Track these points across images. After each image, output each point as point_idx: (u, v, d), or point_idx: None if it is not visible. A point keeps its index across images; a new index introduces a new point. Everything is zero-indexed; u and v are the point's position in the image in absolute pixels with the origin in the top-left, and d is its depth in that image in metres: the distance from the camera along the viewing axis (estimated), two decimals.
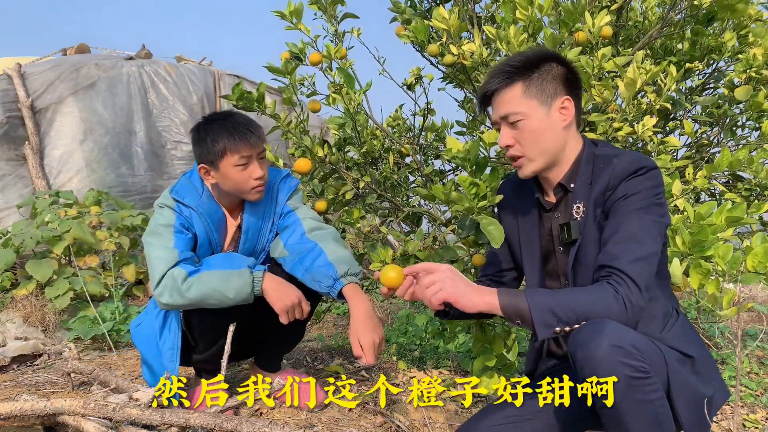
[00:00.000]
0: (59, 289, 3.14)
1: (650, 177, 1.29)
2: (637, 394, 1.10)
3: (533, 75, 1.37)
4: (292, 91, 2.28)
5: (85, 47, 5.97)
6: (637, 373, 1.09)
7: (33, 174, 4.81)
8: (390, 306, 3.85)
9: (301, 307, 1.79)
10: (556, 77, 1.38)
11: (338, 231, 2.59)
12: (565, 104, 1.38)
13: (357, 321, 1.68)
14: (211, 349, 1.92)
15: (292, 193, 2.02)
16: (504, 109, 1.39)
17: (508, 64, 1.39)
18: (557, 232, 1.44)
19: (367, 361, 1.63)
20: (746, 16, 2.23)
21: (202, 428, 1.55)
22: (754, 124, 2.37)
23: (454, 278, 1.27)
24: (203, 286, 1.75)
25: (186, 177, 1.99)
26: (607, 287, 1.20)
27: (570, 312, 1.18)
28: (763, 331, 3.17)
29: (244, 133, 1.82)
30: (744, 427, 2.01)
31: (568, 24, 1.90)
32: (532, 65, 1.38)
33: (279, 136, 2.45)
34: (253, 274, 1.77)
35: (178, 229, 1.85)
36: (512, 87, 1.38)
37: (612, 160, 1.33)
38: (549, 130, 1.37)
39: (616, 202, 1.29)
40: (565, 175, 1.41)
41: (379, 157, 2.60)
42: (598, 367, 1.10)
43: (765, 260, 1.40)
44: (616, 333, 1.11)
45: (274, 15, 2.27)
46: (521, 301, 1.21)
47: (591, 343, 1.11)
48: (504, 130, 1.41)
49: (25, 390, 2.16)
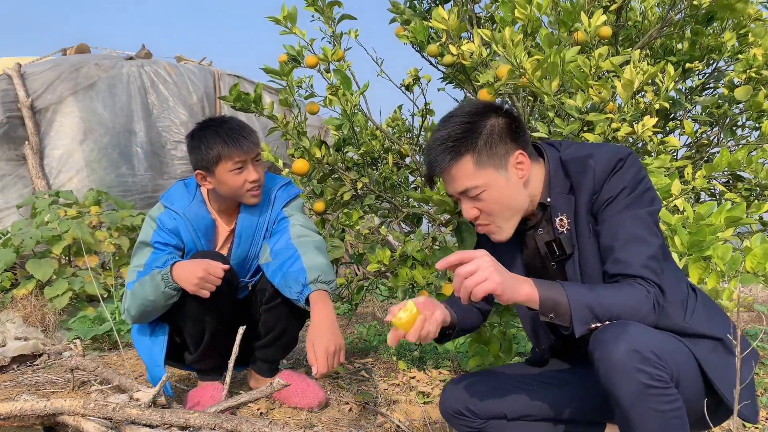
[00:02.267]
0: (58, 289, 3.14)
1: (629, 166, 1.24)
2: (650, 402, 1.07)
3: (479, 143, 1.26)
4: (289, 93, 2.29)
5: (85, 47, 5.97)
6: (653, 381, 1.07)
7: (33, 174, 4.81)
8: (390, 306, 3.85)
9: (212, 273, 1.74)
10: (501, 135, 1.28)
11: (338, 231, 2.60)
12: (519, 159, 1.29)
13: (315, 328, 1.66)
14: (199, 348, 1.93)
15: (290, 201, 2.02)
16: (460, 185, 1.28)
17: (449, 137, 1.28)
18: (545, 250, 1.36)
19: (319, 369, 1.59)
20: (746, 16, 2.22)
21: (202, 428, 1.55)
22: (754, 124, 2.37)
23: (496, 265, 1.12)
24: (134, 298, 1.83)
25: (181, 182, 2.02)
26: (639, 288, 1.17)
27: (606, 310, 1.14)
28: (763, 331, 3.17)
29: (237, 139, 1.84)
30: (744, 427, 2.01)
31: (567, 23, 1.90)
32: (474, 131, 1.27)
33: (279, 137, 2.46)
34: (161, 272, 1.77)
35: (155, 245, 1.89)
36: (461, 161, 1.26)
37: (588, 162, 1.26)
38: (513, 191, 1.29)
39: (605, 205, 1.24)
40: (542, 194, 1.34)
41: (379, 158, 2.60)
42: (612, 370, 1.08)
43: (764, 261, 1.40)
44: (637, 337, 1.09)
45: (269, 20, 2.28)
46: (560, 295, 1.14)
47: (610, 345, 1.09)
48: (465, 204, 1.31)
49: (25, 390, 2.16)
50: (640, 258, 1.19)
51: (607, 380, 1.10)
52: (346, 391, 2.15)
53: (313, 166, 2.38)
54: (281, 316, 1.93)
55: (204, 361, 1.97)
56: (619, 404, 1.10)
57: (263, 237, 1.99)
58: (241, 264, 1.99)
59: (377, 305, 3.75)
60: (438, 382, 2.22)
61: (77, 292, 3.24)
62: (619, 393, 1.08)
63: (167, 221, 1.90)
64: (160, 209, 1.94)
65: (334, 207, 2.48)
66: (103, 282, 3.38)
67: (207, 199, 1.99)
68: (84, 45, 5.96)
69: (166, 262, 1.82)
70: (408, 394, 2.11)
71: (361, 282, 2.70)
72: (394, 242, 3.06)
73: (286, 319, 1.94)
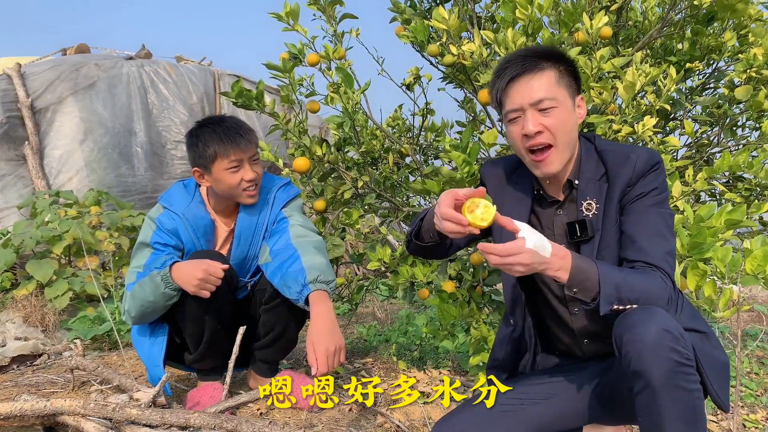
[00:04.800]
0: (58, 290, 3.14)
1: (661, 171, 1.33)
2: (680, 381, 1.10)
3: (560, 66, 1.34)
4: (290, 90, 2.28)
5: (85, 47, 5.97)
6: (684, 360, 1.10)
7: (33, 174, 4.81)
8: (390, 306, 3.85)
9: (212, 274, 1.74)
10: (573, 75, 1.37)
11: (338, 231, 2.60)
12: (580, 103, 1.38)
13: (315, 329, 1.65)
14: (199, 348, 1.93)
15: (289, 201, 2.01)
16: (536, 94, 1.31)
17: (536, 52, 1.35)
18: (562, 230, 1.39)
19: (319, 370, 1.59)
20: (746, 16, 2.22)
21: (202, 428, 1.55)
22: (754, 124, 2.37)
23: (532, 257, 1.16)
24: (133, 299, 1.82)
25: (180, 182, 2.02)
26: (659, 278, 1.23)
27: (630, 292, 1.18)
28: (763, 331, 3.17)
29: (234, 137, 1.84)
30: (744, 427, 2.01)
31: (568, 24, 1.90)
32: (557, 57, 1.35)
33: (279, 136, 2.46)
34: (161, 273, 1.77)
35: (155, 245, 1.88)
36: (545, 72, 1.32)
37: (629, 156, 1.34)
38: (575, 125, 1.36)
39: (636, 199, 1.31)
40: (571, 172, 1.39)
41: (379, 158, 2.60)
42: (646, 350, 1.10)
43: (764, 263, 1.40)
44: (665, 319, 1.12)
45: (271, 17, 2.27)
46: (591, 268, 1.19)
47: (640, 326, 1.11)
48: (532, 116, 1.31)
49: (25, 390, 2.16)
50: (660, 251, 1.26)
51: (639, 361, 1.11)
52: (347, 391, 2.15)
53: (314, 164, 2.38)
54: (281, 316, 1.92)
55: (204, 361, 1.97)
56: (650, 384, 1.10)
57: (262, 237, 1.98)
58: (240, 264, 1.99)
59: (377, 305, 3.75)
60: (438, 382, 2.22)
61: (77, 293, 3.24)
62: (652, 373, 1.09)
63: (166, 222, 1.90)
64: (159, 210, 1.94)
65: (334, 206, 2.48)
66: (103, 282, 3.38)
67: (206, 200, 1.98)
68: (84, 45, 5.96)
69: (165, 263, 1.81)
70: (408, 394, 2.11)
71: (361, 282, 2.70)
72: (394, 242, 3.06)
73: (285, 319, 1.93)
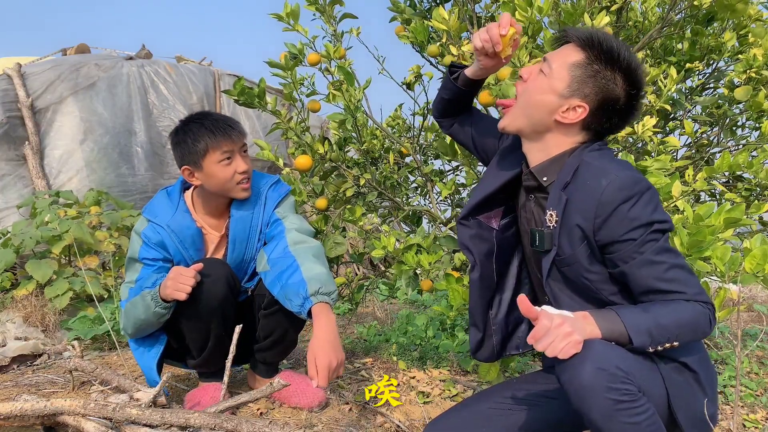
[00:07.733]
0: (59, 289, 3.14)
1: (645, 203, 1.18)
2: (623, 417, 1.08)
3: (596, 66, 1.24)
4: (293, 87, 2.28)
5: (85, 47, 5.97)
6: (624, 397, 1.08)
7: (33, 174, 4.81)
8: (390, 306, 3.85)
9: (192, 278, 1.73)
10: (607, 89, 1.25)
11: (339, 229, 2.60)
12: (577, 110, 1.26)
13: (317, 343, 1.62)
14: (203, 353, 1.93)
15: (281, 200, 1.98)
16: (551, 56, 1.29)
17: (602, 39, 1.25)
18: (531, 215, 1.37)
19: (320, 383, 1.58)
20: (746, 16, 2.22)
21: (202, 428, 1.55)
22: (754, 124, 2.37)
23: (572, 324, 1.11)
24: (127, 317, 1.85)
25: (164, 191, 1.98)
26: (682, 303, 1.18)
27: (663, 329, 1.14)
28: (763, 331, 3.17)
29: (224, 128, 1.82)
30: (744, 427, 2.01)
31: (568, 25, 1.90)
32: (611, 60, 1.24)
33: (279, 136, 2.46)
34: (151, 292, 1.76)
35: (143, 261, 1.87)
36: (577, 50, 1.26)
37: (600, 181, 1.20)
38: (545, 103, 1.28)
39: (629, 252, 1.19)
40: (542, 169, 1.32)
41: (379, 157, 2.61)
42: (582, 391, 1.09)
43: (763, 262, 1.40)
44: (602, 355, 1.09)
45: (272, 17, 2.28)
46: (617, 325, 1.14)
47: (576, 367, 1.09)
48: (524, 71, 1.33)
49: (25, 390, 2.16)
50: (691, 288, 1.19)
51: (578, 402, 1.10)
52: (346, 391, 2.15)
53: (316, 162, 2.38)
54: (280, 321, 1.91)
55: (207, 365, 1.97)
56: (593, 424, 1.10)
57: (258, 239, 1.96)
58: (237, 268, 1.97)
59: (377, 305, 3.75)
60: (438, 382, 2.22)
61: (77, 293, 3.24)
62: (591, 414, 1.09)
63: (152, 235, 1.86)
64: (143, 224, 1.90)
65: (336, 204, 2.48)
66: (103, 282, 3.38)
67: (191, 207, 1.94)
68: (84, 45, 5.96)
69: (156, 282, 1.80)
70: (408, 394, 2.11)
71: (361, 281, 2.70)
72: None
73: (285, 324, 1.92)
